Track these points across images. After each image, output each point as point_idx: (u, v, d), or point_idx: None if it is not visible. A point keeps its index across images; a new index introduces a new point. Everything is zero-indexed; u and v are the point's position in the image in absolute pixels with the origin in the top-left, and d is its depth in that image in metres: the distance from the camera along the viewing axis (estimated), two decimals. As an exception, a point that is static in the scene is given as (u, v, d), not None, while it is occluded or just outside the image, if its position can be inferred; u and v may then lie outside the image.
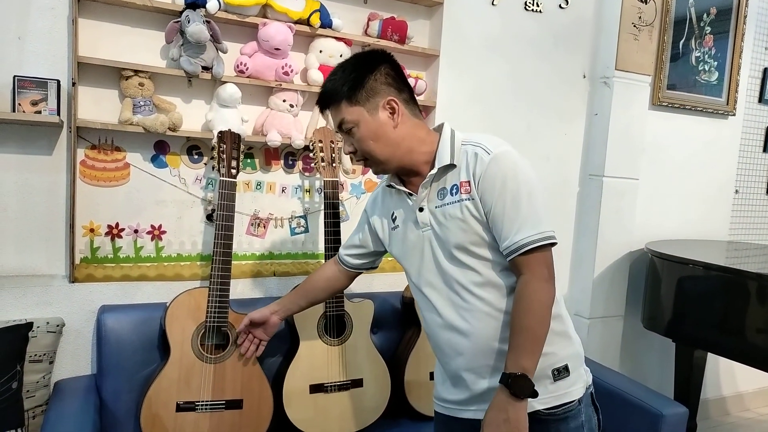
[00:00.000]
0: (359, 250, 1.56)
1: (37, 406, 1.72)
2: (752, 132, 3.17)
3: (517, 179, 1.19)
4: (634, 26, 2.57)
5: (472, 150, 1.23)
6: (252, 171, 2.11)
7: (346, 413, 1.90)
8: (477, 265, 1.23)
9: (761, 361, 2.12)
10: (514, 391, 1.13)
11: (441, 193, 1.26)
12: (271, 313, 1.66)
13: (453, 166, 1.25)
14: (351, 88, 1.24)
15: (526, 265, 1.18)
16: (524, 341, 1.16)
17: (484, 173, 1.19)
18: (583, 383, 1.28)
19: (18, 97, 1.68)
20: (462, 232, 1.22)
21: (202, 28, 1.79)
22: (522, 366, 1.14)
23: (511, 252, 1.19)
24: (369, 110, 1.25)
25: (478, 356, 1.25)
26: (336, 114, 1.28)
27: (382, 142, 1.25)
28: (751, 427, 3.17)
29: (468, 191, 1.22)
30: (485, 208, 1.20)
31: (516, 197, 1.18)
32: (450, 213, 1.24)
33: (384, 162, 1.28)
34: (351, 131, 1.26)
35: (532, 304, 1.17)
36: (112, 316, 1.79)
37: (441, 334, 1.31)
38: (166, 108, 1.88)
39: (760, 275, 2.14)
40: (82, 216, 1.86)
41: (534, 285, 1.17)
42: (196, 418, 1.70)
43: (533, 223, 1.18)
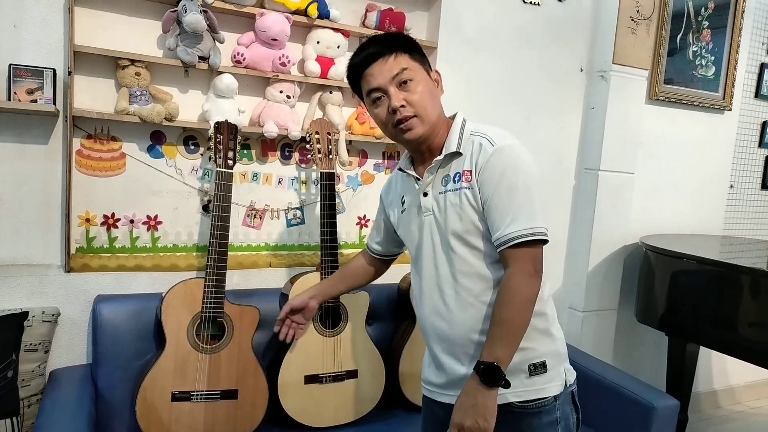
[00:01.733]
0: (380, 236, 1.57)
1: (32, 395, 1.72)
2: (748, 127, 3.18)
3: (516, 172, 1.20)
4: (632, 20, 2.57)
5: (478, 140, 1.25)
6: (248, 162, 2.11)
7: (341, 404, 1.92)
8: (467, 254, 1.24)
9: (753, 354, 2.14)
10: (484, 379, 1.15)
11: (445, 180, 1.27)
12: (310, 298, 1.67)
13: (459, 154, 1.26)
14: (416, 46, 1.29)
15: (513, 259, 1.19)
16: (501, 332, 1.17)
17: (486, 164, 1.21)
18: (562, 381, 1.28)
19: (14, 86, 1.67)
20: (458, 220, 1.24)
21: (199, 17, 1.78)
22: (496, 356, 1.16)
23: (500, 244, 1.20)
24: (426, 71, 1.29)
25: (458, 343, 1.27)
26: (396, 62, 1.25)
27: (435, 104, 1.28)
28: (741, 420, 3.20)
29: (468, 180, 1.23)
30: (482, 198, 1.21)
31: (512, 189, 1.19)
32: (450, 200, 1.25)
33: (430, 123, 1.27)
34: (407, 83, 1.25)
35: (513, 297, 1.18)
36: (108, 306, 1.80)
37: (427, 317, 1.34)
38: (162, 98, 1.88)
39: (753, 270, 2.16)
40: (77, 206, 1.86)
41: (518, 279, 1.18)
42: (191, 407, 1.71)
43: (526, 217, 1.18)
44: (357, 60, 1.30)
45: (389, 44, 1.26)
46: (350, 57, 1.33)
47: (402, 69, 1.24)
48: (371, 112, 1.32)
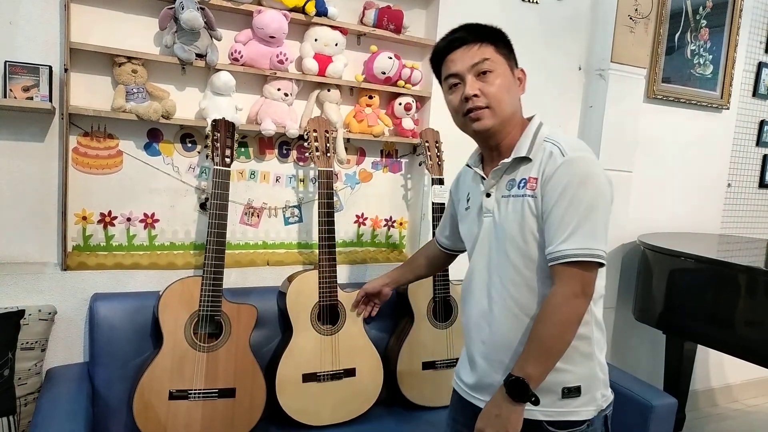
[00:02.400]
0: (447, 231, 1.58)
1: (29, 393, 1.71)
2: (746, 126, 3.19)
3: (583, 187, 1.14)
4: (631, 19, 2.57)
5: (549, 147, 1.20)
6: (246, 160, 2.10)
7: (339, 402, 1.91)
8: (521, 264, 1.21)
9: (750, 353, 2.14)
10: (511, 393, 1.14)
11: (510, 184, 1.24)
12: (382, 285, 1.75)
13: (528, 159, 1.22)
14: (504, 40, 1.26)
15: (561, 276, 1.14)
16: (535, 349, 1.15)
17: (553, 174, 1.16)
18: (595, 407, 1.25)
19: (9, 83, 1.66)
20: (518, 228, 1.20)
21: (197, 15, 1.77)
22: (526, 372, 1.14)
23: (552, 259, 1.15)
24: (509, 67, 1.26)
25: (495, 351, 1.25)
26: (480, 52, 1.22)
27: (511, 98, 1.25)
28: (738, 418, 3.20)
29: (533, 188, 1.19)
30: (543, 209, 1.17)
31: (575, 205, 1.13)
32: (512, 206, 1.22)
33: (503, 118, 1.23)
34: (486, 74, 1.22)
35: (554, 315, 1.14)
36: (105, 304, 1.79)
37: (472, 318, 1.32)
38: (159, 95, 1.87)
39: (750, 268, 2.16)
40: (74, 204, 1.85)
41: (561, 298, 1.14)
42: (188, 406, 1.70)
43: (584, 236, 1.13)
44: (442, 44, 1.27)
45: (477, 33, 1.24)
46: (438, 40, 1.31)
47: (483, 59, 1.21)
48: (446, 98, 1.29)
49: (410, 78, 2.21)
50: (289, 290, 1.88)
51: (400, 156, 2.39)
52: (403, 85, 2.21)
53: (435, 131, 2.21)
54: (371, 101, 2.21)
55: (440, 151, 2.20)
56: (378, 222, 2.38)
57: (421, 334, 2.06)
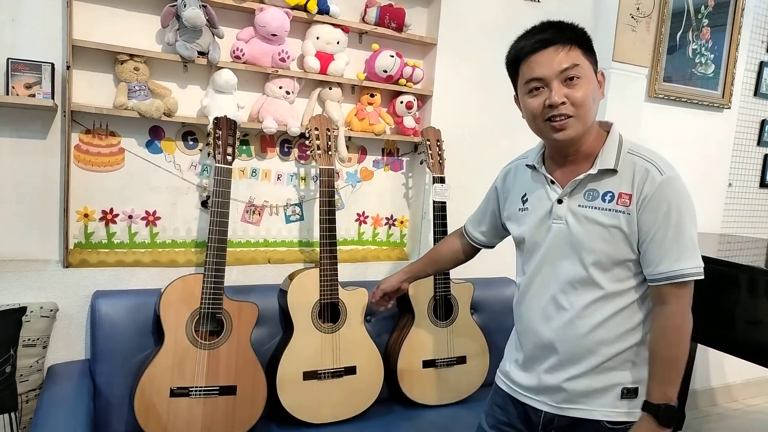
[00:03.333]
0: (484, 226, 1.53)
1: (30, 390, 1.72)
2: (747, 125, 3.19)
3: (684, 208, 1.16)
4: (632, 17, 2.57)
5: (642, 164, 1.18)
6: (247, 158, 2.11)
7: (340, 400, 1.92)
8: (599, 276, 1.20)
9: (750, 352, 2.14)
10: (663, 422, 1.15)
11: (590, 194, 1.21)
12: (400, 282, 1.70)
13: (614, 171, 1.19)
14: (590, 42, 1.20)
15: (675, 296, 1.17)
16: (670, 372, 1.17)
17: (653, 194, 1.15)
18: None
19: (12, 80, 1.66)
20: (602, 241, 1.19)
21: (199, 12, 1.77)
22: (667, 396, 1.16)
23: (664, 278, 1.16)
24: (594, 71, 1.21)
25: (563, 357, 1.25)
26: (569, 56, 1.16)
27: (595, 105, 1.20)
28: (738, 417, 3.21)
29: (626, 204, 1.17)
30: (642, 229, 1.17)
31: (680, 226, 1.15)
32: (594, 218, 1.19)
33: (585, 126, 1.19)
34: (573, 80, 1.16)
35: (678, 336, 1.17)
36: (106, 301, 1.79)
37: (532, 320, 1.30)
38: (161, 93, 1.87)
39: (751, 268, 2.16)
40: (76, 201, 1.86)
41: (680, 317, 1.17)
42: (189, 403, 1.71)
43: (692, 254, 1.16)
44: (526, 43, 1.20)
45: (567, 34, 1.18)
46: (518, 36, 1.24)
47: (573, 65, 1.15)
48: (522, 100, 1.24)
49: (412, 76, 2.21)
50: (290, 288, 1.88)
51: (401, 154, 2.40)
52: (404, 83, 2.21)
53: (436, 130, 2.22)
54: (373, 99, 2.21)
55: (441, 149, 2.20)
56: (379, 220, 2.38)
57: (422, 332, 2.07)
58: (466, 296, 2.17)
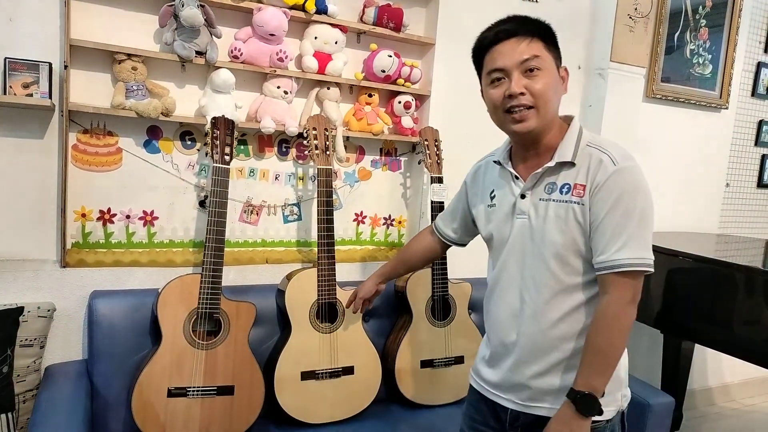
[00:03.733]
0: (455, 223, 1.52)
1: (27, 390, 1.72)
2: (744, 125, 3.19)
3: (635, 198, 1.15)
4: (630, 18, 2.57)
5: (597, 155, 1.18)
6: (245, 158, 2.10)
7: (337, 400, 1.92)
8: (558, 269, 1.20)
9: (747, 352, 2.15)
10: (580, 409, 1.14)
11: (549, 187, 1.21)
12: (376, 285, 1.71)
13: (572, 164, 1.20)
14: (554, 36, 1.23)
15: (615, 285, 1.15)
16: (597, 361, 1.16)
17: (604, 183, 1.15)
18: (616, 407, 1.26)
19: (9, 80, 1.66)
20: (559, 233, 1.19)
21: (197, 12, 1.77)
22: (591, 385, 1.14)
23: (605, 267, 1.15)
24: (556, 65, 1.22)
25: (527, 352, 1.25)
26: (530, 47, 1.18)
27: (556, 99, 1.21)
28: (736, 417, 3.21)
29: (580, 195, 1.17)
30: (593, 217, 1.16)
31: (628, 215, 1.14)
32: (552, 210, 1.20)
33: (545, 119, 1.20)
34: (533, 71, 1.17)
35: (613, 325, 1.15)
36: (104, 301, 1.79)
37: (499, 317, 1.31)
38: (159, 93, 1.87)
39: (748, 268, 2.16)
40: (73, 201, 1.85)
41: (617, 307, 1.15)
42: (187, 403, 1.71)
43: (638, 245, 1.14)
44: (488, 34, 1.22)
45: (529, 27, 1.19)
46: (483, 30, 1.25)
47: (533, 56, 1.17)
48: (485, 92, 1.25)
49: (410, 76, 2.21)
50: (287, 288, 1.88)
51: (399, 154, 2.40)
52: (402, 83, 2.21)
53: (434, 130, 2.22)
54: (371, 99, 2.21)
55: (439, 149, 2.20)
56: (377, 220, 2.38)
57: (420, 332, 2.07)
58: (463, 296, 2.17)
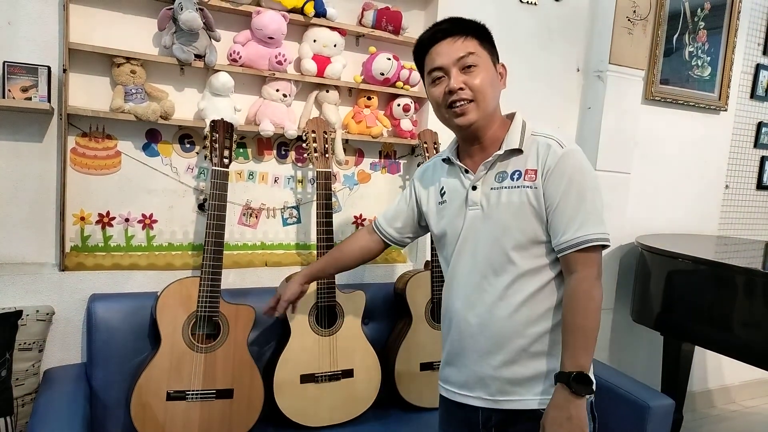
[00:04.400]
0: (400, 222, 1.52)
1: (26, 394, 1.71)
2: (743, 127, 3.19)
3: (586, 177, 1.20)
4: (629, 20, 2.58)
5: (544, 141, 1.23)
6: (244, 161, 2.10)
7: (337, 403, 1.91)
8: (515, 254, 1.22)
9: (747, 354, 2.15)
10: (575, 390, 1.14)
11: (500, 176, 1.25)
12: (301, 286, 1.63)
13: (520, 151, 1.24)
14: (488, 35, 1.28)
15: (582, 262, 1.18)
16: (580, 339, 1.17)
17: (555, 165, 1.20)
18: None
19: (8, 83, 1.66)
20: (514, 218, 1.22)
21: (195, 15, 1.77)
22: (579, 364, 1.15)
23: (568, 247, 1.18)
24: (492, 62, 1.27)
25: (492, 342, 1.26)
26: (464, 45, 1.23)
27: (494, 93, 1.26)
28: (736, 419, 3.21)
29: (533, 179, 1.21)
30: (548, 201, 1.20)
31: (582, 194, 1.19)
32: (505, 197, 1.23)
33: (486, 111, 1.25)
34: (470, 68, 1.23)
35: (588, 302, 1.18)
36: (103, 304, 1.79)
37: (459, 311, 1.31)
38: (158, 96, 1.87)
39: (748, 270, 2.16)
40: (72, 204, 1.85)
41: (588, 283, 1.18)
42: (186, 407, 1.70)
43: (595, 221, 1.18)
44: (426, 36, 1.28)
45: (462, 26, 1.25)
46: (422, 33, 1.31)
47: (468, 53, 1.23)
48: (428, 92, 1.30)
49: (409, 79, 2.21)
50: (287, 291, 1.87)
51: (398, 157, 2.40)
52: (401, 86, 2.22)
53: (433, 132, 2.22)
54: (370, 102, 2.21)
55: (438, 151, 2.20)
56: (376, 223, 2.38)
57: (419, 335, 2.07)
58: (463, 299, 2.16)
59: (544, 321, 1.23)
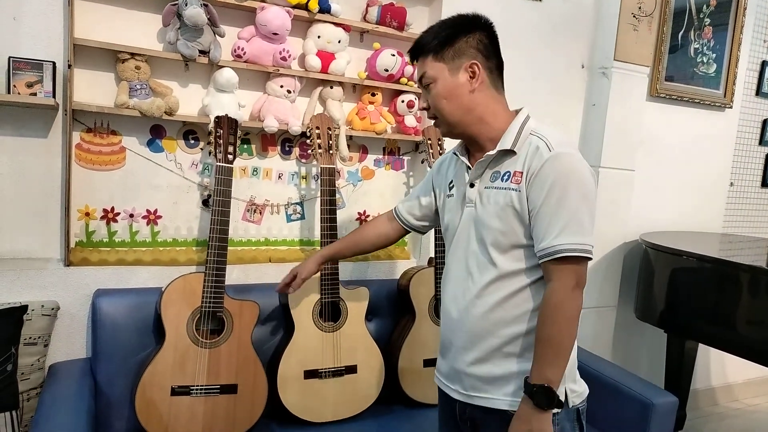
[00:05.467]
0: (421, 210, 1.54)
1: (31, 388, 1.72)
2: (749, 125, 3.18)
3: (570, 184, 1.15)
4: (634, 16, 2.56)
5: (536, 142, 1.21)
6: (248, 157, 2.11)
7: (340, 399, 1.92)
8: (497, 255, 1.22)
9: (751, 352, 2.14)
10: (538, 402, 1.13)
11: (494, 175, 1.25)
12: (318, 265, 1.69)
13: (513, 152, 1.22)
14: (440, 44, 1.25)
15: (556, 273, 1.16)
16: (547, 352, 1.15)
17: (539, 170, 1.17)
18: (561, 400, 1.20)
19: (13, 79, 1.66)
20: (497, 219, 1.21)
21: (200, 11, 1.77)
22: (545, 377, 1.13)
23: (546, 254, 1.16)
24: (450, 69, 1.25)
25: (464, 338, 1.27)
26: (420, 67, 1.28)
27: (454, 103, 1.26)
28: (739, 417, 3.20)
29: (518, 182, 1.20)
30: (530, 205, 1.18)
31: (563, 201, 1.15)
32: (493, 197, 1.23)
33: (451, 124, 1.28)
34: (429, 87, 1.27)
35: (557, 313, 1.15)
36: (107, 300, 1.79)
37: (446, 304, 1.34)
38: (162, 92, 1.87)
39: (752, 267, 2.16)
40: (77, 199, 1.86)
41: (561, 294, 1.15)
42: (190, 402, 1.71)
43: (574, 231, 1.14)
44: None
45: (414, 50, 1.30)
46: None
47: (422, 74, 1.28)
48: None
49: (413, 75, 2.21)
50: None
51: (402, 153, 2.39)
52: (405, 82, 2.21)
53: (437, 129, 2.21)
54: (374, 98, 2.21)
55: (442, 148, 2.20)
56: (380, 219, 2.38)
57: (423, 331, 2.07)
58: (467, 295, 2.17)
59: (520, 323, 1.22)
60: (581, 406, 1.27)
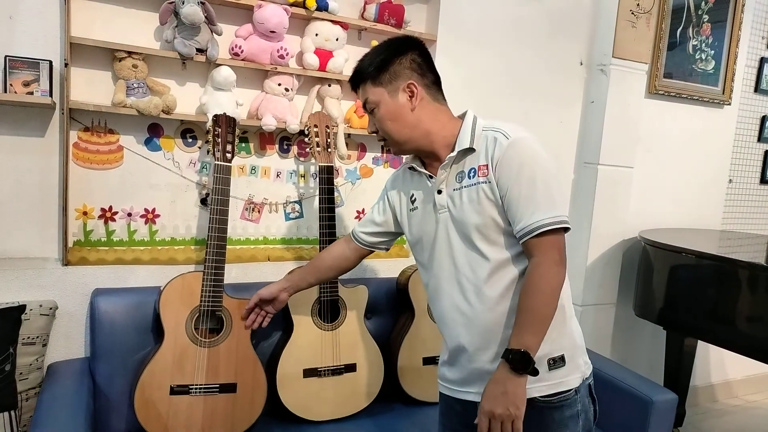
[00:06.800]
0: (377, 228, 1.56)
1: (30, 388, 1.72)
2: (747, 122, 3.18)
3: (534, 164, 1.21)
4: (632, 13, 2.56)
5: (492, 135, 1.26)
6: (247, 155, 2.10)
7: (339, 398, 1.92)
8: (487, 249, 1.25)
9: (750, 349, 2.14)
10: (514, 366, 1.16)
11: (459, 176, 1.29)
12: (280, 290, 1.69)
13: (472, 150, 1.27)
14: (376, 70, 1.30)
15: (538, 248, 1.20)
16: (528, 320, 1.19)
17: (502, 157, 1.21)
18: (581, 374, 1.30)
19: (9, 78, 1.66)
20: (476, 215, 1.24)
21: (197, 9, 1.76)
22: (524, 343, 1.17)
23: (524, 234, 1.20)
24: (390, 92, 1.30)
25: (480, 338, 1.28)
26: (362, 93, 1.34)
27: (399, 123, 1.30)
28: (738, 413, 3.21)
29: (485, 174, 1.24)
30: (501, 192, 1.22)
31: (532, 181, 1.20)
32: (466, 196, 1.26)
33: (400, 142, 1.33)
34: (373, 111, 1.32)
35: (540, 285, 1.19)
36: (106, 299, 1.79)
37: (447, 312, 1.34)
38: (159, 90, 1.87)
39: (751, 264, 2.16)
40: (75, 199, 1.85)
41: (544, 267, 1.19)
42: (189, 401, 1.71)
43: (547, 206, 1.19)
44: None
45: (354, 80, 1.36)
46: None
47: (364, 101, 1.34)
48: None
49: (411, 73, 2.20)
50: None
51: (400, 151, 2.39)
52: (404, 80, 2.20)
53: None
54: (372, 96, 2.20)
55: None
56: (379, 217, 2.37)
57: (422, 329, 2.07)
58: (466, 293, 2.16)
59: None
60: (591, 381, 1.34)
